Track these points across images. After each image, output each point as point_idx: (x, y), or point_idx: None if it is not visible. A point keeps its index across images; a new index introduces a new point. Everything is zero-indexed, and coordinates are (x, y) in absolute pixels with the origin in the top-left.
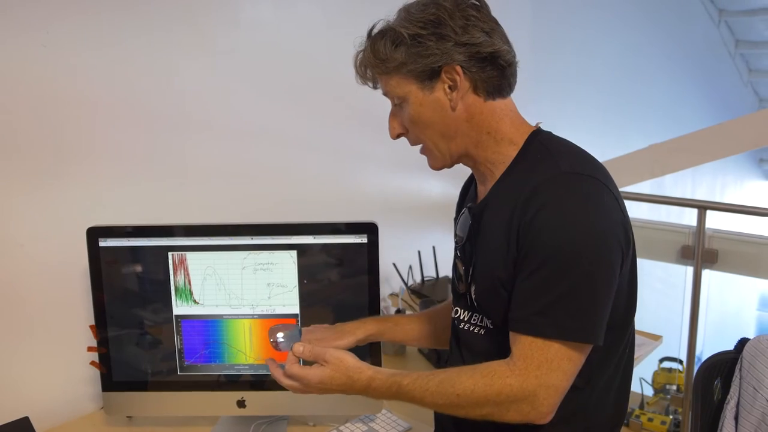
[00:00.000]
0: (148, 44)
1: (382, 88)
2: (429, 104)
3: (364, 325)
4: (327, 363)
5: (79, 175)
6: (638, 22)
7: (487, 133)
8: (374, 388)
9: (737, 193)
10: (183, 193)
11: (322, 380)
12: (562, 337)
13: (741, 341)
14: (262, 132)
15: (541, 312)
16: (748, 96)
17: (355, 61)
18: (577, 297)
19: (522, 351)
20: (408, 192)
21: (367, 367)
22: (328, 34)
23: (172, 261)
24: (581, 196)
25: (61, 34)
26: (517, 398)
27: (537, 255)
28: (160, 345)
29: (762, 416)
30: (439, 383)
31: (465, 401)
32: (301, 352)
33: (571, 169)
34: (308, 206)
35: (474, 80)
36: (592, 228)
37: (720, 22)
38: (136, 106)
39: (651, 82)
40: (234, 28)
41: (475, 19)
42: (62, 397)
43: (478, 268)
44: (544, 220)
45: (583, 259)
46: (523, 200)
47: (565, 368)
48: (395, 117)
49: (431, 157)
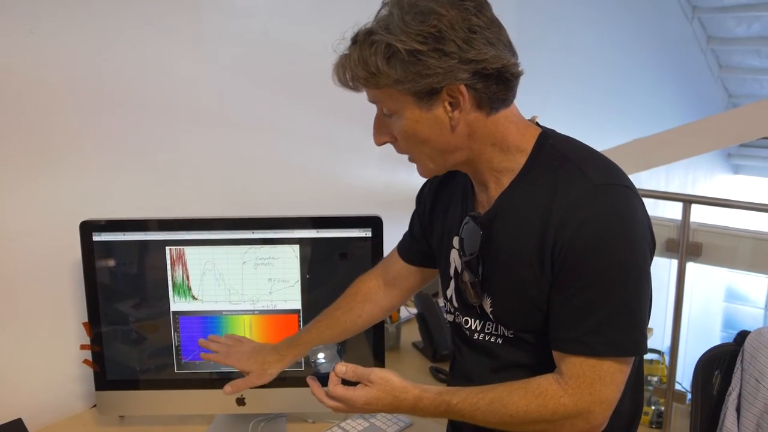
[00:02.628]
0: (140, 34)
1: (368, 96)
2: (426, 122)
3: (284, 359)
4: (372, 383)
5: (68, 167)
6: (617, 17)
7: (492, 144)
8: (421, 408)
9: (707, 187)
10: (173, 185)
11: (368, 401)
12: (617, 354)
13: (741, 334)
14: (252, 123)
15: (593, 331)
16: (718, 91)
17: (337, 65)
18: (627, 312)
19: (574, 370)
20: (397, 186)
21: (413, 386)
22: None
23: (169, 255)
24: (619, 209)
25: (51, 23)
26: (571, 416)
27: (582, 275)
28: (156, 342)
29: (764, 407)
30: (490, 402)
31: (518, 420)
32: (344, 372)
33: (603, 180)
34: (296, 199)
35: (478, 97)
36: (633, 241)
37: (693, 19)
38: (127, 96)
39: (629, 77)
40: (227, 18)
41: (479, 29)
42: (51, 396)
43: (495, 281)
44: (586, 239)
45: (629, 274)
46: (559, 217)
47: (618, 381)
48: (383, 125)
49: (422, 168)
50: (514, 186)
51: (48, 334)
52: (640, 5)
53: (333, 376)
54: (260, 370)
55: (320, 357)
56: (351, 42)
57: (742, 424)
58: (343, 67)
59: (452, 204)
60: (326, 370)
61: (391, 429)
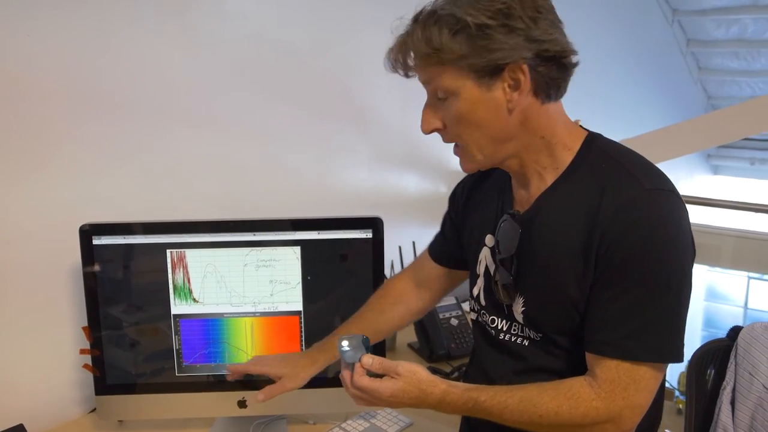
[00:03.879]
0: (134, 38)
1: (423, 77)
2: (483, 103)
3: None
4: (399, 376)
5: (64, 170)
6: (601, 18)
7: (541, 137)
8: (448, 403)
9: (688, 187)
10: (166, 189)
11: (393, 394)
12: (654, 360)
13: (733, 329)
14: (244, 125)
15: (632, 335)
16: (697, 93)
17: (395, 46)
18: (668, 318)
19: (608, 374)
20: (386, 188)
21: (441, 381)
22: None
23: (170, 258)
24: (669, 215)
25: (46, 27)
26: (602, 420)
27: (627, 276)
28: (156, 346)
29: (758, 400)
30: (520, 401)
31: (547, 422)
32: (370, 364)
33: (653, 185)
34: (288, 201)
35: (537, 81)
36: (680, 247)
37: (673, 22)
38: (122, 99)
39: (612, 78)
40: (219, 21)
41: (544, 11)
42: (50, 402)
43: (531, 281)
44: (636, 240)
45: (674, 279)
46: (608, 217)
47: (651, 388)
48: (434, 110)
49: (468, 160)
50: (558, 184)
51: (46, 339)
52: (623, 7)
53: (358, 367)
54: (293, 374)
55: (344, 345)
56: (412, 21)
57: (737, 417)
58: (403, 45)
59: (487, 201)
60: (352, 360)
61: (391, 429)
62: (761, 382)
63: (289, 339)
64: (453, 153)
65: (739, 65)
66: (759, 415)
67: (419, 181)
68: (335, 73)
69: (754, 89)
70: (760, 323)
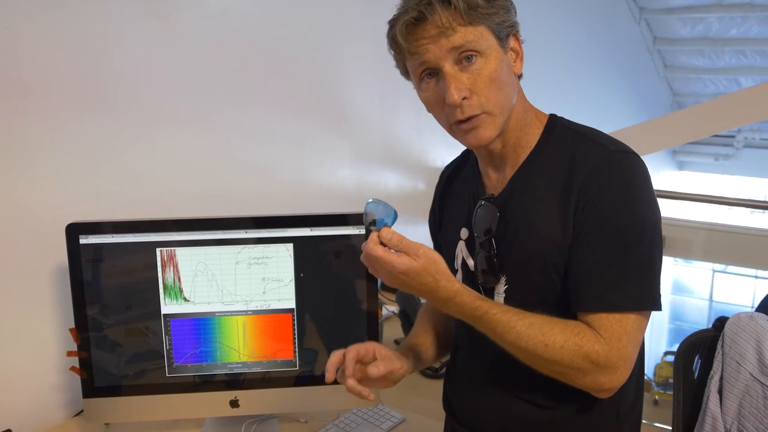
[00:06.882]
0: (117, 35)
1: (457, 38)
2: (506, 64)
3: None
4: (419, 258)
5: (50, 168)
6: (572, 15)
7: (524, 111)
8: (457, 302)
9: (655, 182)
10: (154, 186)
11: (406, 272)
12: (638, 308)
13: (719, 319)
14: (225, 123)
15: (613, 286)
16: (663, 90)
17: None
18: (645, 267)
19: (602, 323)
20: (367, 185)
21: (456, 280)
22: (295, 26)
23: (160, 257)
24: (637, 172)
25: (26, 22)
26: (599, 366)
27: (603, 231)
28: (146, 346)
29: (745, 389)
30: (529, 326)
31: (549, 353)
32: (389, 239)
33: (618, 148)
34: (272, 198)
35: (520, 55)
36: (650, 202)
37: (640, 20)
38: (106, 96)
39: (581, 74)
40: (202, 19)
41: None
42: (36, 405)
43: (512, 258)
44: (609, 197)
45: (647, 231)
46: (581, 181)
47: (638, 339)
48: (459, 79)
49: (489, 126)
50: (530, 161)
51: (31, 341)
52: (594, 5)
53: (374, 236)
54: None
55: (370, 206)
56: None
57: (725, 405)
58: (443, 2)
59: (458, 196)
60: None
61: (384, 425)
62: (748, 371)
63: (282, 337)
64: (463, 129)
65: (703, 63)
66: (746, 402)
67: (399, 177)
68: (317, 70)
69: (717, 86)
70: (744, 313)
